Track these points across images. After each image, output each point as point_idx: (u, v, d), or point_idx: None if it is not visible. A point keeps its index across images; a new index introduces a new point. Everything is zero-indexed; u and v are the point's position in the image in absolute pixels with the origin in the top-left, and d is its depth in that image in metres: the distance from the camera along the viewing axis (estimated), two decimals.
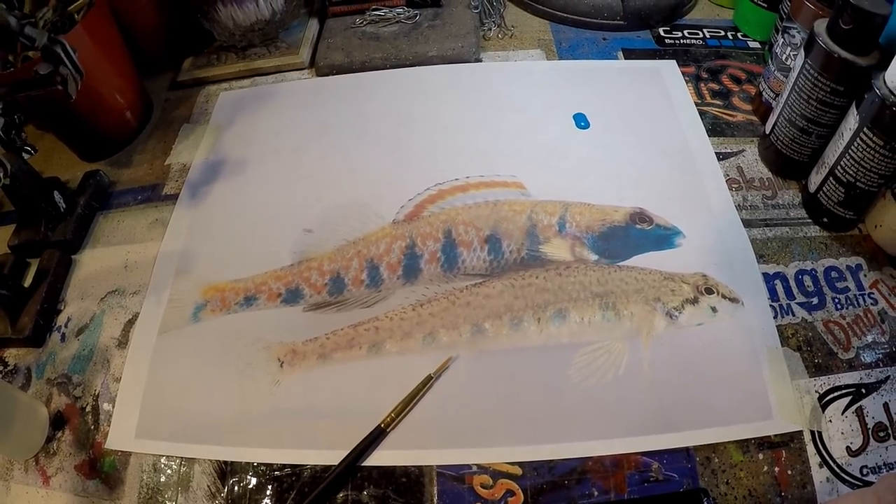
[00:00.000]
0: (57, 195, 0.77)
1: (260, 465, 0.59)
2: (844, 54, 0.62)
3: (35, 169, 0.75)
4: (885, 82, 0.58)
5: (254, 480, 0.59)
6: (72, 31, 0.75)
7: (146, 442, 0.62)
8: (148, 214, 0.80)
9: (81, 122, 0.83)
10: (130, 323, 0.70)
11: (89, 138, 0.86)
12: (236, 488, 0.59)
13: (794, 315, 0.65)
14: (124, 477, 0.61)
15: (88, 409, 0.65)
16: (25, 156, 0.71)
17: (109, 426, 0.63)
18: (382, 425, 0.59)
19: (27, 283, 0.74)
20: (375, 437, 0.59)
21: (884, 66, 0.59)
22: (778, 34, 0.78)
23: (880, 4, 0.59)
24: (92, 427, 0.64)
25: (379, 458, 0.59)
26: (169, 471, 0.60)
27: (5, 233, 0.79)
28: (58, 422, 0.65)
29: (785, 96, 0.70)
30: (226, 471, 0.59)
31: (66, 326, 0.71)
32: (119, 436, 0.62)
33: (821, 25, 0.64)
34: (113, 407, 0.64)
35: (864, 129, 0.61)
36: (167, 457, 0.61)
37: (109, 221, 0.80)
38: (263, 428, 0.61)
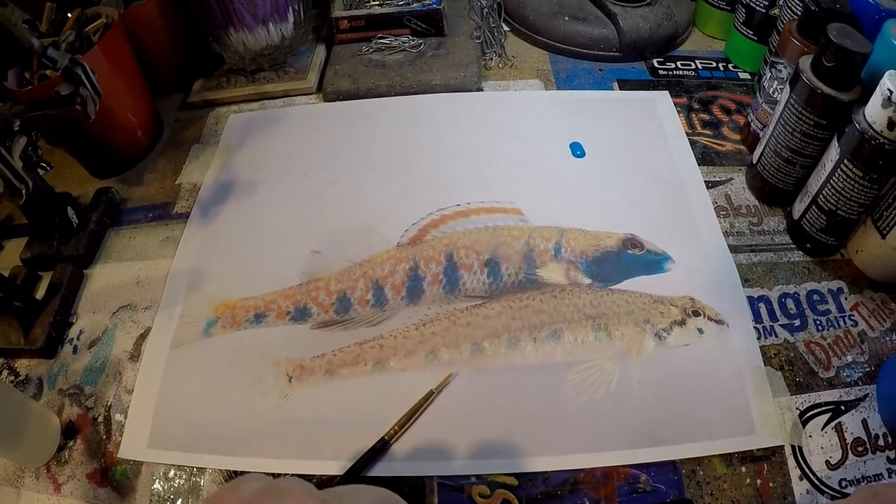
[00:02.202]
0: (70, 211, 0.78)
1: (269, 474, 0.60)
2: (827, 90, 0.64)
3: (49, 184, 0.76)
4: (864, 117, 0.60)
5: None
6: (89, 53, 0.76)
7: (158, 452, 0.63)
8: (159, 232, 0.81)
9: (94, 140, 0.84)
10: (143, 337, 0.71)
11: (101, 156, 0.88)
12: None
13: (776, 336, 0.67)
14: (136, 485, 0.62)
15: (100, 419, 0.66)
16: (41, 171, 0.73)
17: (121, 436, 0.64)
18: (386, 437, 0.60)
19: (39, 295, 0.74)
20: (380, 449, 0.60)
21: (864, 101, 0.61)
22: (766, 67, 0.79)
23: (861, 44, 0.62)
24: (104, 437, 0.65)
25: (383, 468, 0.60)
26: (180, 480, 0.62)
27: (17, 246, 0.80)
28: (69, 431, 0.66)
29: (771, 128, 0.72)
30: None
31: (78, 339, 0.72)
32: (131, 445, 0.64)
33: (806, 62, 0.66)
34: (125, 417, 0.66)
35: (845, 160, 0.63)
36: (178, 466, 0.62)
37: (121, 238, 0.81)
38: (272, 439, 0.63)
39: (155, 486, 0.62)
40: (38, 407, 0.64)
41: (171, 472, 0.62)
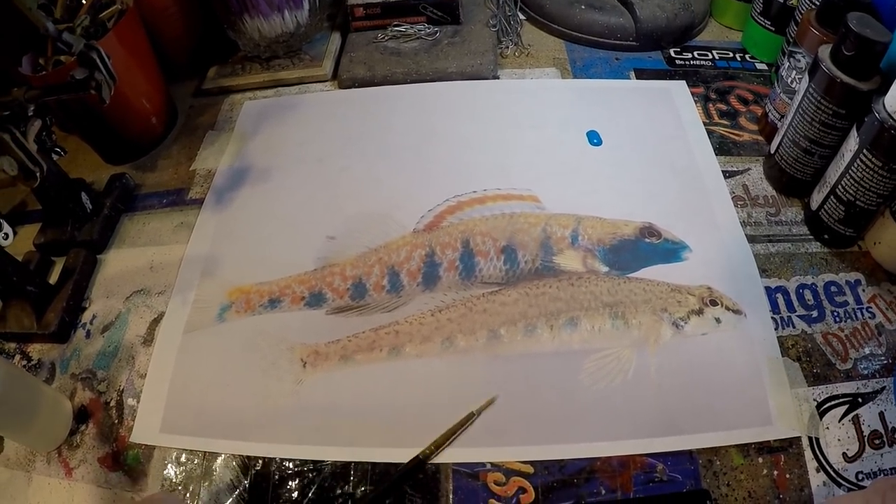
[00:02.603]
0: (84, 196, 0.78)
1: (282, 460, 0.61)
2: (846, 79, 0.63)
3: (63, 170, 0.76)
4: (884, 106, 0.60)
5: (276, 475, 0.60)
6: (104, 38, 0.76)
7: (171, 436, 0.63)
8: (173, 218, 0.81)
9: (109, 126, 0.84)
10: (156, 322, 0.71)
11: (115, 142, 0.88)
12: (258, 482, 0.60)
13: (794, 327, 0.67)
14: (147, 470, 0.62)
15: (112, 403, 0.66)
16: (55, 157, 0.73)
17: (134, 420, 0.64)
18: (421, 456, 0.59)
19: (52, 280, 0.74)
20: (415, 467, 0.59)
21: (884, 91, 0.60)
22: (784, 57, 0.79)
23: (881, 32, 0.61)
24: (116, 421, 0.65)
25: (397, 455, 0.60)
26: (192, 465, 0.61)
27: (30, 231, 0.80)
28: (81, 415, 0.65)
29: (789, 118, 0.72)
30: (248, 465, 0.61)
31: (91, 323, 0.72)
32: (144, 430, 0.64)
33: (825, 51, 0.66)
34: (137, 402, 0.65)
35: (864, 150, 0.62)
36: (191, 451, 0.62)
37: (135, 223, 0.81)
38: (286, 425, 0.62)
39: (167, 470, 0.62)
40: (50, 391, 0.64)
41: (184, 457, 0.62)
